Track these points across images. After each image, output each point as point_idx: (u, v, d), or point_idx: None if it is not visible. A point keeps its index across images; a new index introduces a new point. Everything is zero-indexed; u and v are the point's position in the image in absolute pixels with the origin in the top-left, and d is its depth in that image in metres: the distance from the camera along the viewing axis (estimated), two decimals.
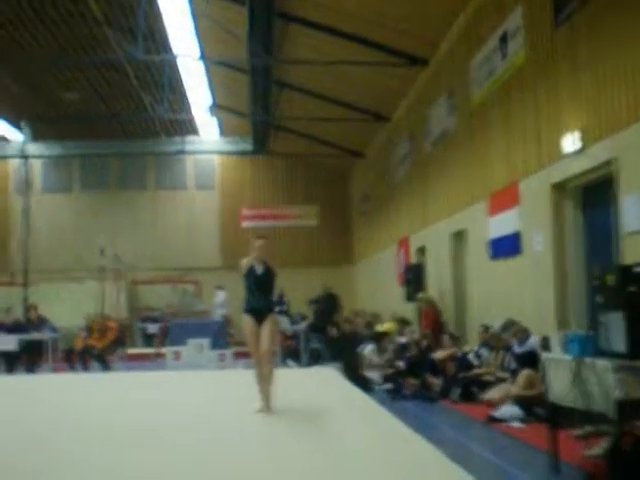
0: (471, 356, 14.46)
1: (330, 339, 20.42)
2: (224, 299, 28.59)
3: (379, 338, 16.96)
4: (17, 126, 29.55)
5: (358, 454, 7.59)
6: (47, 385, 16.03)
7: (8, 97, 25.21)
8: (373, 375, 15.93)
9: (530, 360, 11.76)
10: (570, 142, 11.71)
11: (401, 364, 15.73)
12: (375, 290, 27.78)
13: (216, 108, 28.10)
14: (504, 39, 14.28)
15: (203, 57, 21.90)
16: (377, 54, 18.76)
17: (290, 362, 21.14)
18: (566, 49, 11.94)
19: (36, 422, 10.22)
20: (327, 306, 23.00)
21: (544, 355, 8.52)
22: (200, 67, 23.00)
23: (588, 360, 7.00)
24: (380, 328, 19.12)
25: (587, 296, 11.96)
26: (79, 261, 31.44)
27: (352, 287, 32.16)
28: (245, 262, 10.47)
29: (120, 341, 22.89)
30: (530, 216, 13.43)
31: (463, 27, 16.62)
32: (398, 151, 23.36)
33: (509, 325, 13.15)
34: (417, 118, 20.82)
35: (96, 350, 20.39)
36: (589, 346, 7.09)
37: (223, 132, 32.63)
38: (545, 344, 10.76)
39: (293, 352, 22.06)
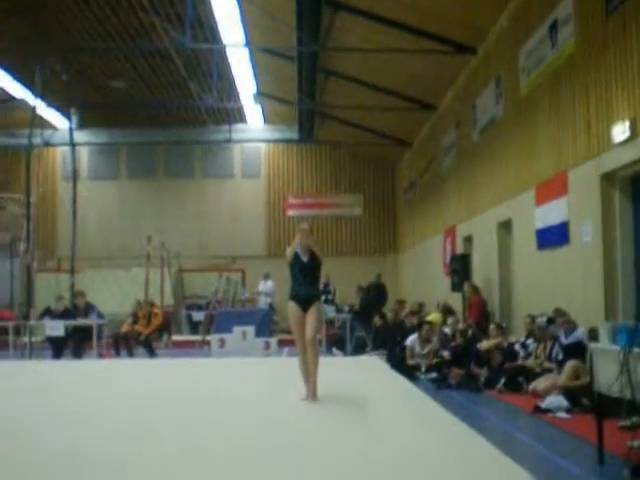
0: (517, 346, 14.39)
1: (375, 328, 20.43)
2: (271, 288, 28.66)
3: (421, 328, 16.92)
4: (65, 114, 29.78)
5: (403, 442, 7.58)
6: (91, 370, 16.18)
7: (57, 85, 25.38)
8: (418, 363, 15.89)
9: (577, 351, 11.70)
10: (620, 131, 11.59)
11: (446, 354, 15.69)
12: (420, 279, 27.70)
13: (262, 96, 28.11)
14: (554, 27, 14.14)
15: (249, 44, 21.90)
16: (425, 42, 18.65)
17: (335, 350, 21.17)
18: (617, 38, 11.81)
19: (78, 404, 10.34)
20: (375, 295, 23.01)
21: (592, 345, 8.46)
22: (246, 54, 23.00)
23: (636, 350, 6.93)
24: (427, 318, 19.03)
25: (636, 286, 11.86)
26: (125, 248, 31.67)
27: (397, 276, 32.14)
28: (290, 250, 10.47)
29: (166, 328, 23.01)
30: (578, 206, 13.30)
31: (512, 15, 16.48)
32: (445, 140, 23.26)
33: (557, 315, 13.06)
34: (464, 106, 20.71)
35: (142, 336, 20.53)
36: (637, 337, 7.02)
37: (267, 120, 32.62)
38: (593, 335, 10.70)
39: (338, 340, 22.08)
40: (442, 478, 6.20)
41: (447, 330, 17.49)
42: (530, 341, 14.10)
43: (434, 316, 19.27)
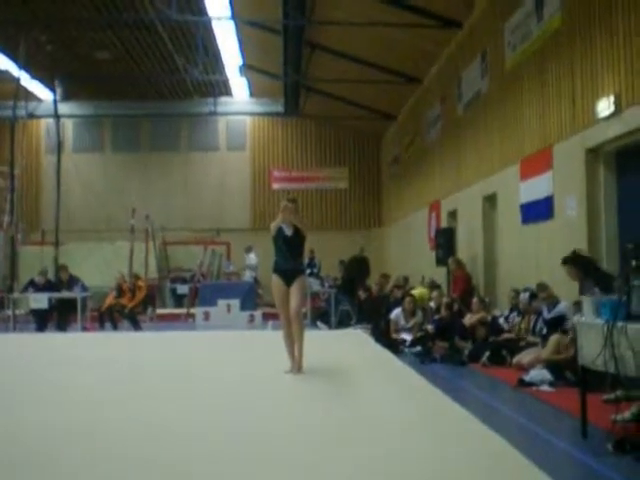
0: (501, 320, 14.46)
1: (359, 301, 20.46)
2: (254, 260, 28.54)
3: (404, 300, 17.01)
4: (50, 85, 29.60)
5: (386, 415, 7.63)
6: (75, 343, 16.17)
7: (42, 56, 25.22)
8: (402, 337, 15.96)
9: (559, 325, 11.78)
10: (605, 106, 11.63)
11: (430, 327, 15.74)
12: (405, 254, 27.75)
13: (247, 69, 28.03)
14: (540, 2, 14.13)
15: (234, 17, 21.81)
16: (410, 16, 18.62)
17: (320, 324, 21.21)
18: (602, 13, 11.82)
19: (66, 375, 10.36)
20: (357, 268, 22.98)
21: (576, 319, 8.50)
22: (232, 27, 22.89)
23: (620, 324, 6.97)
24: (412, 292, 19.06)
25: (620, 260, 11.91)
26: (110, 221, 31.61)
27: (382, 250, 32.16)
28: (274, 224, 10.50)
29: (150, 301, 23.01)
30: (563, 180, 13.35)
31: None
32: (430, 114, 23.26)
33: (540, 290, 13.11)
34: (449, 81, 20.70)
35: (126, 309, 20.52)
36: (621, 310, 7.07)
37: (253, 93, 32.54)
38: (577, 308, 10.75)
39: (323, 314, 22.11)
40: (425, 450, 6.25)
41: (432, 304, 17.56)
42: (514, 315, 14.19)
43: (419, 291, 19.31)
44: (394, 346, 15.02)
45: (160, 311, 25.43)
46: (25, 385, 9.78)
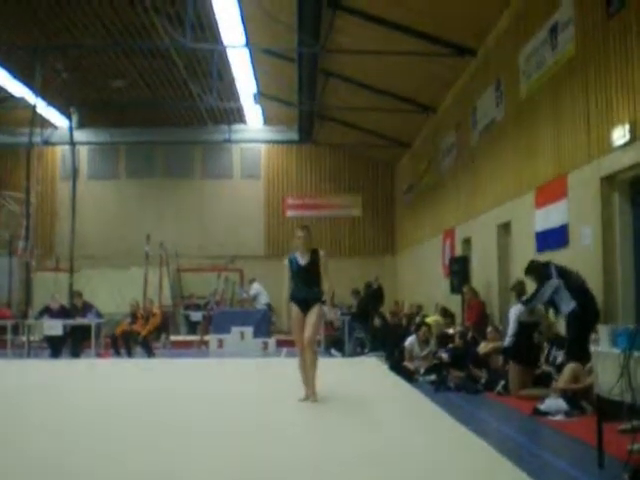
0: None
1: (374, 329, 20.43)
2: (259, 291, 28.17)
3: (418, 329, 16.96)
4: (65, 113, 29.75)
5: (401, 444, 7.59)
6: (89, 370, 16.19)
7: (57, 84, 25.36)
8: (417, 365, 15.90)
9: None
10: (620, 134, 11.60)
11: (444, 356, 15.68)
12: (419, 281, 27.68)
13: (262, 97, 28.10)
14: (554, 30, 14.15)
15: (249, 45, 21.90)
16: (425, 44, 18.66)
17: (334, 351, 21.17)
18: (617, 41, 11.81)
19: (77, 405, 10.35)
20: (372, 296, 22.97)
21: (592, 348, 8.46)
22: (246, 55, 23.00)
23: (636, 354, 6.93)
24: (426, 320, 19.02)
25: (635, 289, 11.87)
26: (124, 248, 31.63)
27: (395, 278, 32.14)
28: (287, 259, 10.64)
29: (164, 328, 23.02)
30: (578, 209, 13.31)
31: (512, 18, 16.49)
32: (444, 142, 23.27)
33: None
34: (464, 109, 20.72)
35: (140, 336, 20.53)
36: (637, 340, 7.03)
37: (267, 120, 32.64)
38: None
39: (337, 341, 22.07)
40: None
41: (450, 331, 17.51)
42: None
43: (433, 318, 19.26)
44: (408, 374, 14.98)
45: (174, 338, 25.44)
46: (35, 411, 9.77)
